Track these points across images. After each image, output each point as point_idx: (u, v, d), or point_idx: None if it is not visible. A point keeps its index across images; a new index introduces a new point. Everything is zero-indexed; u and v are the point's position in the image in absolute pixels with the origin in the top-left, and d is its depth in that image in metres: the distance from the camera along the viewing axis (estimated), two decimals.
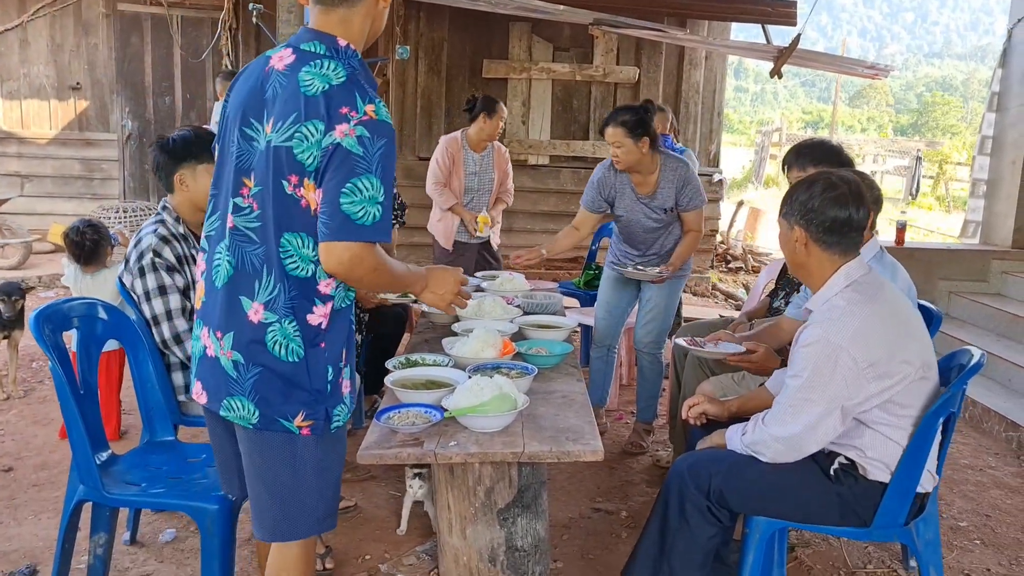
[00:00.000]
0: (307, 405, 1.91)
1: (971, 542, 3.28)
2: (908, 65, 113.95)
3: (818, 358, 2.15)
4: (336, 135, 1.75)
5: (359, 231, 1.76)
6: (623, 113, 3.75)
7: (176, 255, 2.82)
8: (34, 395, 4.62)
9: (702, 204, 3.94)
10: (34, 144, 9.24)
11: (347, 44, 1.87)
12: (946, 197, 19.29)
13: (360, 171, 1.74)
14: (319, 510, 1.99)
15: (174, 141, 2.84)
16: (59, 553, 2.47)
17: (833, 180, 2.26)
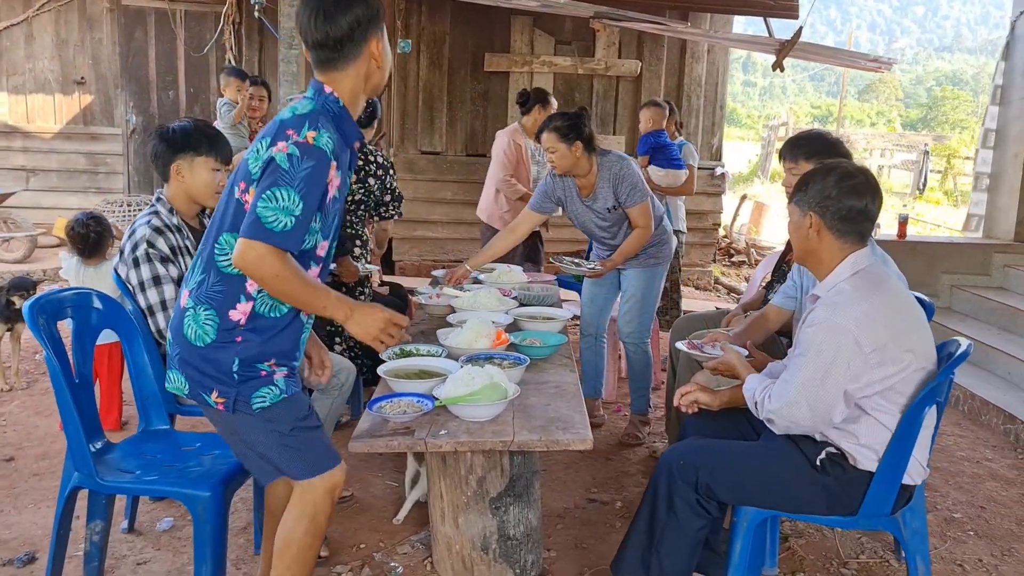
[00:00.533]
0: (218, 384, 2.11)
1: (965, 533, 3.29)
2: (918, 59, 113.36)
3: (822, 338, 2.17)
4: (274, 150, 1.98)
5: (267, 234, 1.94)
6: (556, 119, 3.84)
7: (170, 246, 2.83)
8: (37, 386, 4.66)
9: (642, 200, 3.90)
10: (39, 138, 9.29)
11: (331, 91, 2.12)
12: (954, 192, 19.20)
13: (282, 183, 1.95)
14: (299, 462, 2.17)
15: (173, 131, 2.86)
16: (55, 539, 2.50)
17: (850, 170, 2.29)
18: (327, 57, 2.10)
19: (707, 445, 2.35)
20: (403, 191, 7.63)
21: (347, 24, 2.07)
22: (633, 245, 3.95)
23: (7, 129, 9.23)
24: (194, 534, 2.35)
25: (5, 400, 4.43)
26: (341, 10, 2.07)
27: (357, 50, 2.11)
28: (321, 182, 2.01)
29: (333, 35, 2.07)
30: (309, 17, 2.08)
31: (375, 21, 2.12)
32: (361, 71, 2.14)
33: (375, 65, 2.16)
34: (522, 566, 2.77)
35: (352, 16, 2.07)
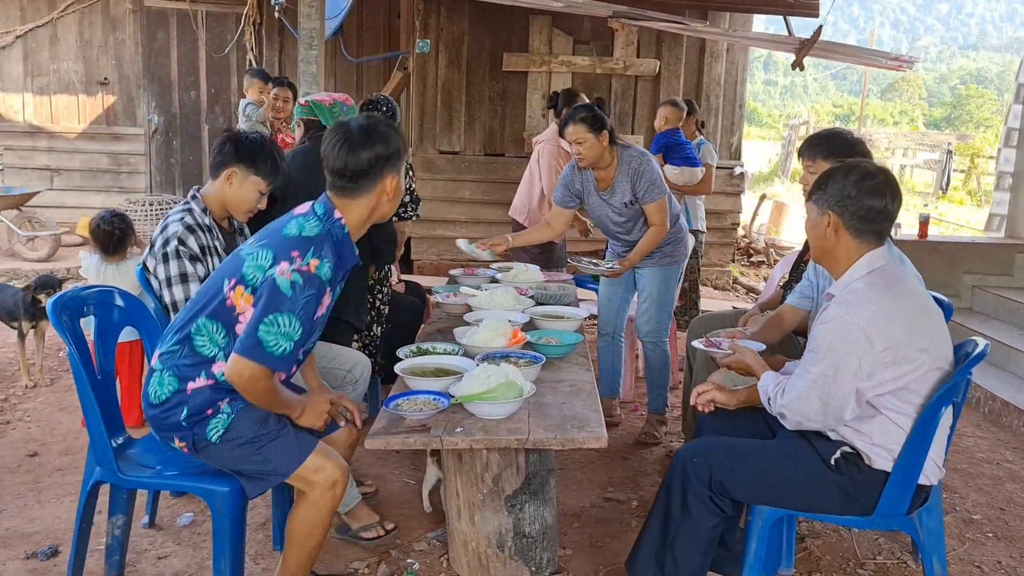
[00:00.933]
0: (175, 432, 2.32)
1: (983, 535, 3.26)
2: (942, 57, 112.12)
3: (835, 335, 2.18)
4: (277, 271, 2.15)
5: (266, 357, 2.15)
6: (581, 110, 3.82)
7: (200, 245, 2.85)
8: (60, 383, 4.72)
9: (659, 197, 3.89)
10: (63, 138, 9.40)
11: (340, 218, 2.29)
12: (978, 191, 18.98)
13: (284, 309, 2.13)
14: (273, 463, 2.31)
15: (248, 140, 2.88)
16: (77, 532, 2.54)
17: (871, 169, 2.28)
18: (343, 185, 2.28)
19: (721, 443, 2.36)
20: (421, 191, 7.67)
21: (367, 160, 2.25)
22: (649, 243, 3.94)
23: (32, 129, 9.35)
24: (213, 528, 2.38)
25: (29, 396, 4.50)
26: (364, 146, 2.25)
27: (372, 184, 2.29)
28: (317, 307, 2.21)
29: (352, 167, 2.25)
30: (335, 145, 2.27)
31: (394, 160, 2.30)
32: (372, 202, 2.32)
33: (386, 199, 2.34)
34: (538, 564, 2.78)
35: (373, 153, 2.25)
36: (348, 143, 2.25)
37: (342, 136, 2.26)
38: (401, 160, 2.33)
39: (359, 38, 9.33)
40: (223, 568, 2.37)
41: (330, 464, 2.34)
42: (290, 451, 2.32)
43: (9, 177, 8.91)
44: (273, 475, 2.33)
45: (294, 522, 2.38)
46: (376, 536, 2.96)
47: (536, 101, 7.75)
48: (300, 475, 2.32)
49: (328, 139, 2.28)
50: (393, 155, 2.29)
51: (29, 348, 4.71)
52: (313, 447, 2.35)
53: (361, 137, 2.25)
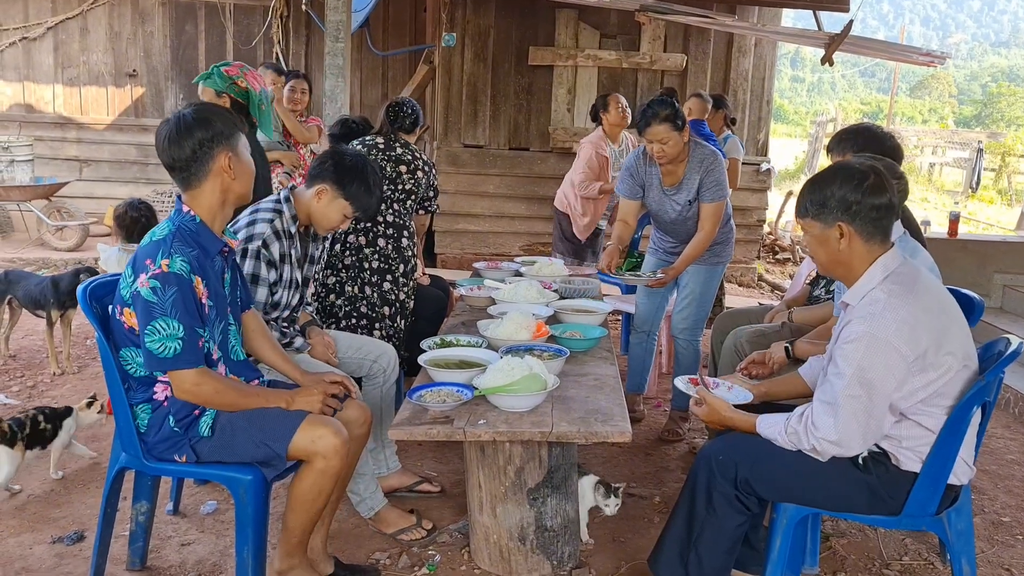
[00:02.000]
0: (174, 448, 2.37)
1: (1013, 537, 3.21)
2: (973, 55, 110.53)
3: (863, 354, 2.10)
4: (138, 284, 2.22)
5: (165, 363, 2.23)
6: (662, 107, 3.67)
7: (280, 253, 2.82)
8: (87, 371, 4.77)
9: (720, 199, 3.82)
10: (92, 130, 9.50)
11: (188, 210, 2.34)
12: (1008, 190, 18.69)
13: (156, 314, 2.19)
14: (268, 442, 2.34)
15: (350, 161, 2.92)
16: (102, 517, 2.57)
17: (861, 170, 2.21)
18: (180, 178, 2.33)
19: (746, 440, 2.32)
20: (445, 184, 7.69)
21: (190, 148, 2.29)
22: (696, 251, 3.85)
23: (62, 120, 9.46)
24: (236, 516, 2.39)
25: (57, 384, 4.55)
26: (184, 135, 2.29)
27: (205, 168, 2.32)
28: (191, 300, 2.24)
29: (179, 158, 2.30)
30: (161, 143, 2.32)
31: (219, 139, 2.32)
32: (216, 187, 2.34)
33: (229, 178, 2.35)
34: (559, 557, 2.77)
35: (194, 140, 2.29)
36: (169, 137, 2.30)
37: (165, 132, 2.32)
38: (228, 138, 2.34)
39: (385, 31, 9.36)
40: (245, 556, 2.38)
41: (327, 431, 2.35)
42: (279, 425, 2.35)
43: (39, 167, 9.01)
44: (276, 452, 2.33)
45: (297, 488, 2.40)
46: (417, 538, 2.95)
47: (561, 95, 7.72)
48: (300, 446, 2.33)
49: (156, 137, 2.35)
50: (216, 135, 2.31)
51: (57, 336, 4.76)
52: (303, 417, 2.37)
53: (180, 127, 2.30)
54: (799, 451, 2.23)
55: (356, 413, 2.61)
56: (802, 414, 2.23)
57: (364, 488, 2.95)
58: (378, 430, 3.10)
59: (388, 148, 3.88)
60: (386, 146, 3.89)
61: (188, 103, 2.44)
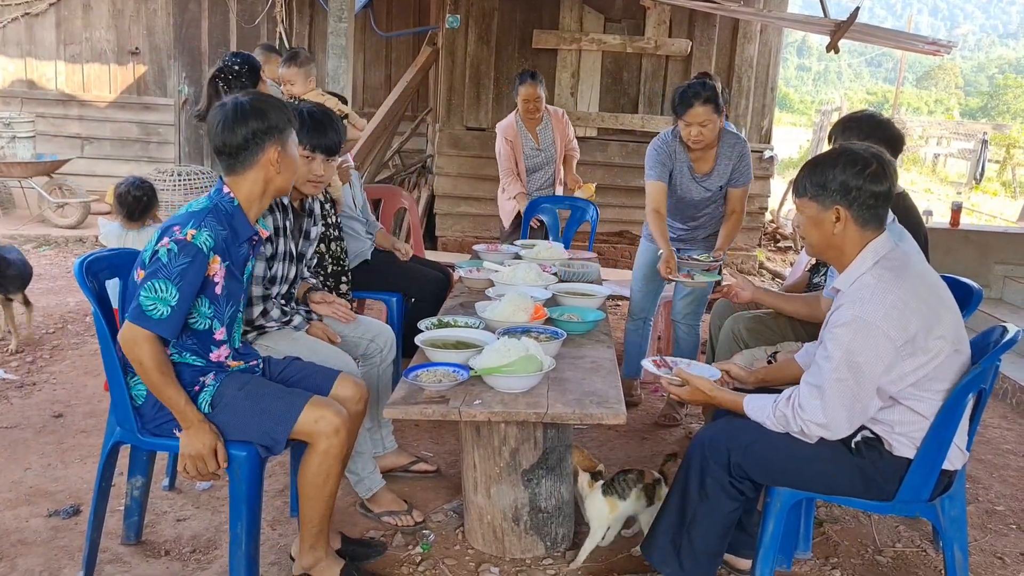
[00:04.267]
0: (173, 423, 2.34)
1: (1006, 526, 3.22)
2: (981, 46, 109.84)
3: (852, 338, 2.11)
4: (159, 244, 2.24)
5: (145, 320, 2.21)
6: (704, 89, 3.58)
7: (274, 225, 2.82)
8: (86, 347, 4.78)
9: (749, 180, 3.88)
10: (94, 107, 9.48)
11: (228, 191, 2.38)
12: (1012, 182, 18.62)
13: (161, 275, 2.21)
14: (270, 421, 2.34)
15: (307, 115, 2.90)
16: (97, 491, 2.57)
17: (864, 156, 2.21)
18: (226, 163, 2.36)
19: (740, 425, 2.32)
20: (447, 167, 7.66)
21: (242, 136, 2.32)
22: (732, 231, 3.87)
23: (64, 97, 9.44)
24: (230, 492, 2.39)
25: (57, 359, 4.56)
26: (239, 123, 2.32)
27: (253, 159, 2.35)
28: (198, 276, 2.25)
29: (230, 144, 2.33)
30: (215, 126, 2.34)
31: (272, 132, 2.35)
32: (259, 177, 2.38)
33: (274, 171, 2.39)
34: (553, 539, 2.78)
35: (248, 129, 2.32)
36: (224, 122, 2.32)
37: (220, 116, 2.34)
38: (281, 131, 2.37)
39: (388, 12, 9.31)
40: (239, 532, 2.38)
41: (328, 411, 2.37)
42: (282, 407, 2.36)
43: (40, 144, 9.00)
44: (275, 437, 2.34)
45: (306, 475, 2.42)
46: (404, 524, 2.95)
47: (565, 79, 7.69)
48: (302, 429, 2.35)
49: (211, 119, 2.37)
50: (270, 128, 2.34)
51: None
52: (306, 399, 2.38)
53: (236, 115, 2.32)
54: (791, 436, 2.23)
55: (352, 390, 2.61)
56: (789, 396, 2.24)
57: (362, 468, 2.95)
58: (375, 410, 3.11)
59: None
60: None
61: (245, 92, 2.46)
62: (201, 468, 2.31)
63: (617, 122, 7.76)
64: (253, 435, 2.35)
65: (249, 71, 3.96)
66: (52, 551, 2.71)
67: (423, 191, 8.17)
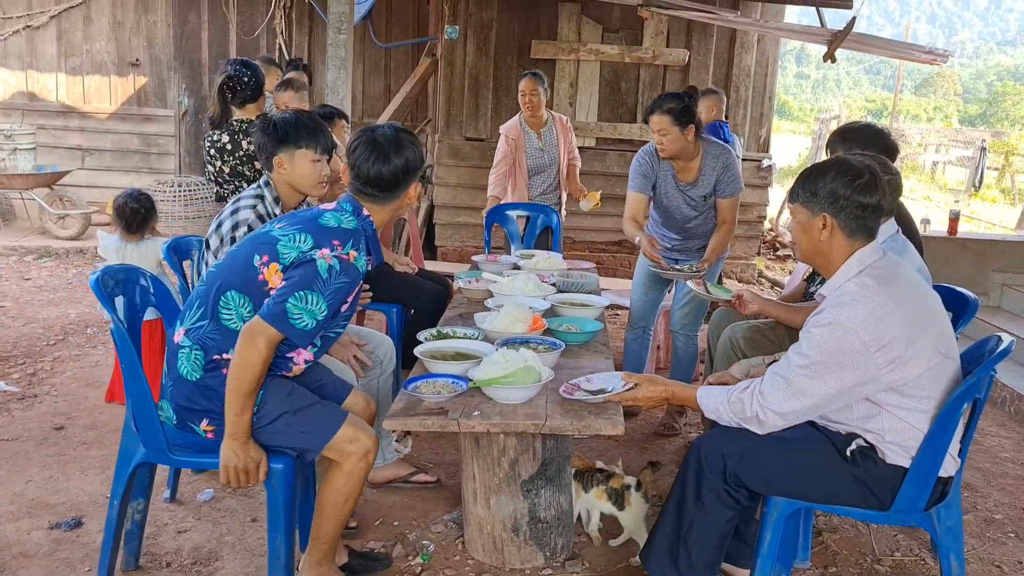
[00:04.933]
0: (208, 414, 2.36)
1: (1004, 535, 3.23)
2: (979, 53, 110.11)
3: (827, 339, 2.15)
4: (318, 254, 2.25)
5: (288, 328, 2.22)
6: (669, 100, 3.70)
7: None
8: (87, 359, 4.79)
9: (738, 192, 3.88)
10: (94, 119, 9.51)
11: (368, 216, 2.42)
12: (1011, 190, 18.65)
13: (316, 288, 2.23)
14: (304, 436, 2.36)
15: (275, 124, 2.88)
16: (116, 517, 2.52)
17: (858, 167, 2.24)
18: (373, 193, 2.41)
19: (736, 434, 2.33)
20: (446, 177, 7.69)
21: (400, 168, 2.39)
22: (722, 242, 3.88)
23: (64, 109, 9.47)
24: (268, 505, 2.39)
25: (57, 371, 4.57)
26: (396, 154, 2.39)
27: (399, 191, 2.44)
28: (347, 296, 2.31)
29: (385, 176, 2.38)
30: (367, 155, 2.38)
31: (418, 169, 2.46)
32: (395, 206, 2.47)
33: (407, 205, 2.51)
34: (552, 549, 2.79)
35: (403, 160, 2.40)
36: (381, 154, 2.37)
37: (373, 146, 2.38)
38: (422, 168, 2.47)
39: (387, 23, 9.35)
40: (278, 544, 2.38)
41: (363, 435, 2.38)
42: (324, 421, 2.38)
43: (41, 156, 9.03)
44: (309, 448, 2.37)
45: (328, 492, 2.41)
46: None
47: (563, 89, 7.73)
48: (335, 446, 2.36)
49: (358, 147, 2.39)
50: (419, 164, 2.44)
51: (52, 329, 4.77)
52: (344, 417, 2.39)
53: (392, 146, 2.38)
54: (789, 445, 2.25)
55: (361, 404, 2.64)
56: (748, 385, 2.29)
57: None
58: (375, 421, 3.12)
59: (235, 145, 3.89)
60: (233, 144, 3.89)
61: (388, 124, 2.53)
62: (243, 480, 2.32)
63: (615, 132, 7.79)
64: (289, 441, 2.37)
65: (255, 84, 4.02)
66: (54, 563, 2.72)
67: (422, 201, 8.19)
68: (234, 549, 2.85)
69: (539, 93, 5.22)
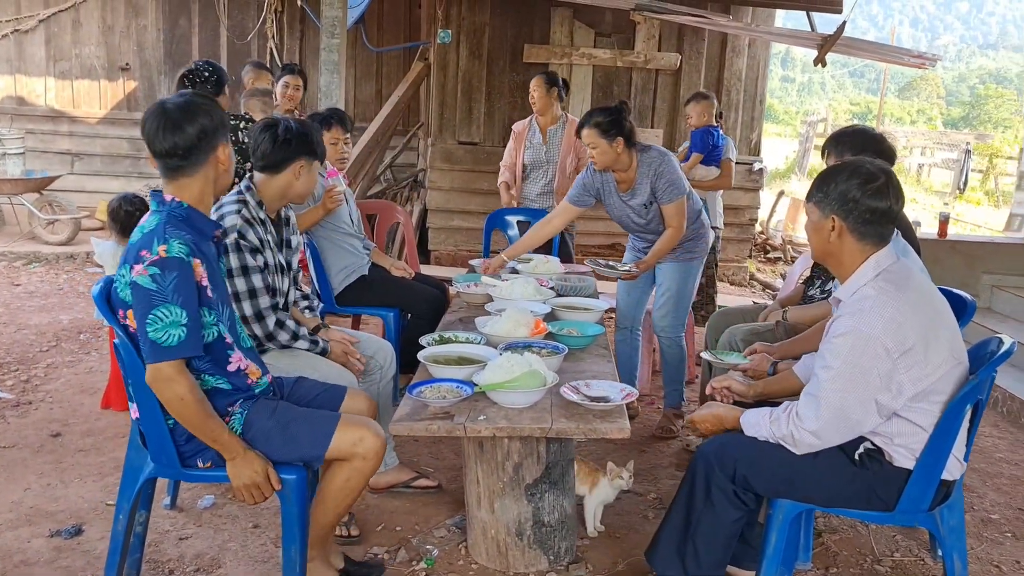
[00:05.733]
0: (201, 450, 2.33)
1: (1002, 535, 3.26)
2: (961, 56, 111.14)
3: (850, 349, 2.15)
4: (133, 274, 2.15)
5: (166, 352, 2.14)
6: (597, 115, 3.77)
7: (259, 238, 2.83)
8: (81, 365, 4.77)
9: (678, 197, 3.84)
10: (84, 123, 9.47)
11: (172, 198, 2.26)
12: (995, 192, 18.82)
13: (157, 302, 2.12)
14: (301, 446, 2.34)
15: (305, 130, 2.93)
16: (124, 532, 2.48)
17: (872, 170, 2.24)
18: (176, 165, 2.25)
19: (745, 438, 2.35)
20: (440, 181, 7.70)
21: (195, 134, 2.22)
22: (665, 245, 3.89)
23: (54, 114, 9.42)
24: (282, 516, 2.37)
25: (52, 377, 4.54)
26: (188, 121, 2.22)
27: (204, 157, 2.27)
28: (191, 286, 2.18)
29: (181, 144, 2.22)
30: (156, 129, 2.22)
31: (221, 130, 2.30)
32: (210, 175, 2.31)
33: (222, 168, 2.33)
34: (556, 552, 2.80)
35: (198, 126, 2.23)
36: (170, 123, 2.21)
37: (161, 118, 2.22)
38: (227, 129, 2.33)
39: (379, 27, 9.36)
40: (293, 555, 2.36)
41: (369, 433, 2.37)
42: (316, 428, 2.36)
43: (30, 161, 8.98)
44: (311, 457, 2.36)
45: (331, 484, 2.41)
46: (339, 535, 2.90)
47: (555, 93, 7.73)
48: (342, 448, 2.35)
49: (148, 125, 2.23)
50: (219, 124, 2.28)
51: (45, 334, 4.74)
52: (338, 420, 2.38)
53: (182, 113, 2.22)
54: None
55: (365, 405, 2.64)
56: (787, 407, 2.28)
57: None
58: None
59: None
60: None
61: (178, 93, 2.38)
62: (258, 495, 2.29)
63: None
64: (285, 455, 2.35)
65: (216, 81, 4.05)
66: (55, 572, 2.70)
67: (415, 205, 8.19)
68: (237, 556, 2.84)
69: (541, 91, 5.27)
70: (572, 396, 2.56)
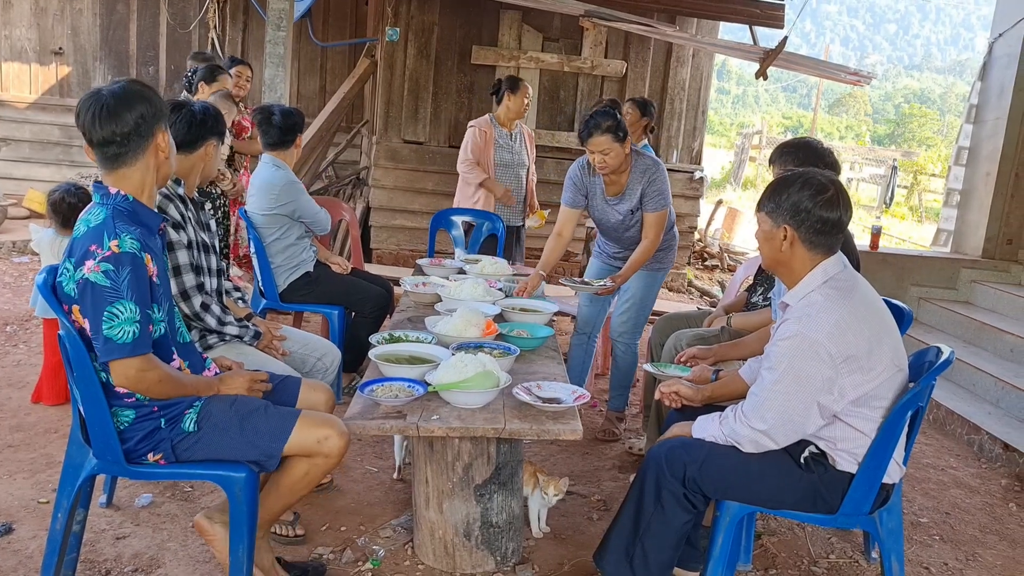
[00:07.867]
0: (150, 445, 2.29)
1: (930, 537, 3.38)
2: (888, 76, 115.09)
3: (795, 352, 2.21)
4: (84, 271, 2.09)
5: (123, 349, 2.11)
6: (604, 119, 3.69)
7: (180, 213, 2.78)
8: (8, 359, 4.59)
9: (663, 208, 3.86)
10: (13, 108, 9.12)
11: (117, 191, 2.20)
12: (919, 207, 19.56)
13: (111, 299, 2.08)
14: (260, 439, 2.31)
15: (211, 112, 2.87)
16: (62, 532, 2.39)
17: (823, 182, 2.29)
18: (114, 153, 2.18)
19: (695, 441, 2.39)
20: (383, 180, 7.64)
21: (132, 121, 2.16)
22: (640, 258, 3.88)
23: None
24: (231, 515, 2.32)
25: None
26: (125, 107, 2.15)
27: (143, 144, 2.21)
28: (144, 281, 2.15)
29: (119, 132, 2.16)
30: (93, 117, 2.14)
31: (160, 116, 2.24)
32: (150, 163, 2.25)
33: (163, 156, 2.27)
34: (503, 553, 2.80)
35: (136, 113, 2.17)
36: (106, 110, 2.14)
37: (97, 105, 2.15)
38: (165, 115, 2.27)
39: (325, 22, 9.24)
40: (240, 556, 2.32)
41: (335, 434, 2.34)
42: (273, 423, 2.32)
43: None
44: (271, 452, 2.31)
45: (290, 476, 2.38)
46: (284, 535, 2.89)
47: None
48: (304, 445, 2.32)
49: (83, 114, 2.16)
50: (157, 112, 2.22)
51: None
52: (295, 418, 2.34)
53: (122, 99, 2.16)
54: (743, 451, 2.31)
55: (322, 396, 2.64)
56: (735, 408, 2.35)
57: None
58: None
59: None
60: None
61: (115, 79, 2.30)
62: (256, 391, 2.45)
63: (553, 140, 7.87)
64: (242, 452, 2.30)
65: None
66: None
67: (358, 203, 8.11)
68: (177, 556, 2.77)
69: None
70: (525, 397, 2.57)
